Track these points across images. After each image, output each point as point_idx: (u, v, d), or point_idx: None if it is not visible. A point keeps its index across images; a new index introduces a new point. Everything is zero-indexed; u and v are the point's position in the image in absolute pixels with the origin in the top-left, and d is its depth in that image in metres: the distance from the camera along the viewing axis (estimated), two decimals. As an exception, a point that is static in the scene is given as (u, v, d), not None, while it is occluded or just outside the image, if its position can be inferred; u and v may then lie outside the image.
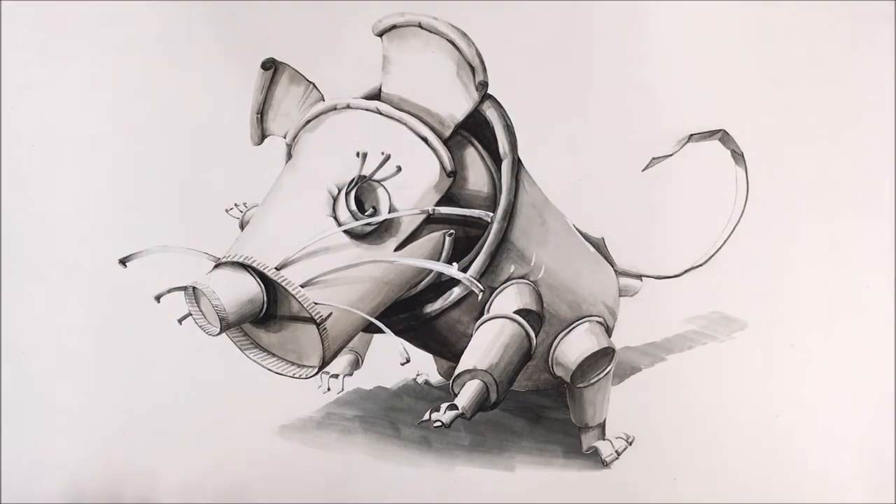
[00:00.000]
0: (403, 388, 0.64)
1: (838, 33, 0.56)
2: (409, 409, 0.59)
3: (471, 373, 0.59)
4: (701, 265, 0.58)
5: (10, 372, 0.54)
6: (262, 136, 0.60)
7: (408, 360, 0.60)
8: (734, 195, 0.58)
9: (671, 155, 0.57)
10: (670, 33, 0.57)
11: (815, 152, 0.57)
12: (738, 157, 0.57)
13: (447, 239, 0.59)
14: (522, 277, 0.60)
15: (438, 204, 0.59)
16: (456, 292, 0.60)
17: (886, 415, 0.58)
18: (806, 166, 0.57)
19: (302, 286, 0.57)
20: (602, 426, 0.60)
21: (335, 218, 0.58)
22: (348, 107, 0.59)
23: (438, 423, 0.60)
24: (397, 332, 0.58)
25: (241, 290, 0.58)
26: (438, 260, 0.59)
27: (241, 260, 0.58)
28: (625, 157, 0.58)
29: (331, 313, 0.58)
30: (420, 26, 0.58)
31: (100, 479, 0.63)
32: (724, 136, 0.57)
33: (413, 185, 0.58)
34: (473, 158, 0.59)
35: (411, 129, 0.58)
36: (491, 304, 0.60)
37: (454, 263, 0.59)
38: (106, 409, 0.62)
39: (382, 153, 0.58)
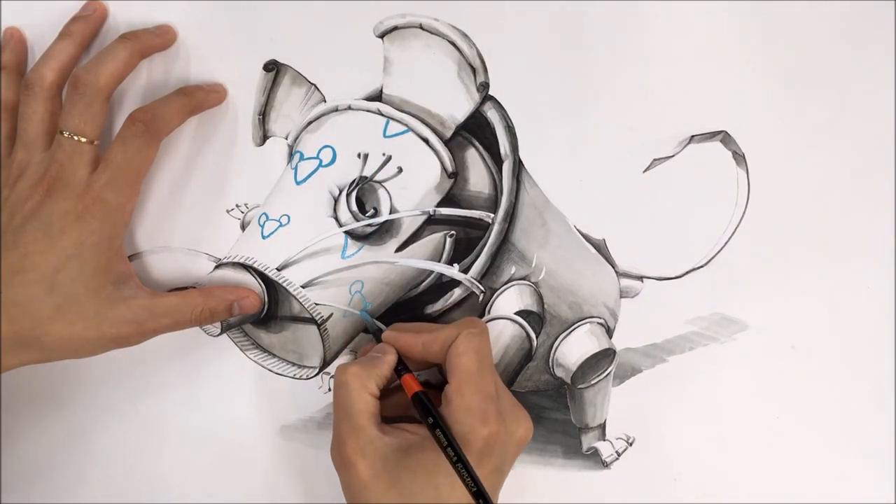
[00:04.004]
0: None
1: (838, 33, 0.56)
2: (410, 409, 0.59)
3: (471, 374, 0.59)
4: (702, 266, 0.58)
5: (11, 372, 0.54)
6: (264, 138, 0.60)
7: (408, 361, 0.60)
8: (735, 196, 0.57)
9: (673, 156, 0.57)
10: (671, 33, 0.56)
11: (816, 152, 0.57)
12: (739, 158, 0.57)
13: (448, 240, 0.59)
14: (523, 279, 0.60)
15: (439, 205, 0.59)
16: (457, 293, 0.60)
17: (886, 415, 0.58)
18: (806, 166, 0.57)
19: (303, 287, 0.57)
20: (602, 427, 0.60)
21: (336, 219, 0.58)
22: (349, 108, 0.59)
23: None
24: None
25: (241, 291, 0.58)
26: (439, 261, 0.59)
27: (242, 261, 0.58)
28: (626, 158, 0.58)
29: (332, 314, 0.58)
30: (421, 27, 0.58)
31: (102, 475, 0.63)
32: (725, 137, 0.57)
33: (414, 186, 0.58)
34: (474, 159, 0.59)
35: (412, 130, 0.58)
36: (492, 306, 0.60)
37: (455, 265, 0.59)
38: (104, 409, 0.62)
39: (383, 154, 0.58)
